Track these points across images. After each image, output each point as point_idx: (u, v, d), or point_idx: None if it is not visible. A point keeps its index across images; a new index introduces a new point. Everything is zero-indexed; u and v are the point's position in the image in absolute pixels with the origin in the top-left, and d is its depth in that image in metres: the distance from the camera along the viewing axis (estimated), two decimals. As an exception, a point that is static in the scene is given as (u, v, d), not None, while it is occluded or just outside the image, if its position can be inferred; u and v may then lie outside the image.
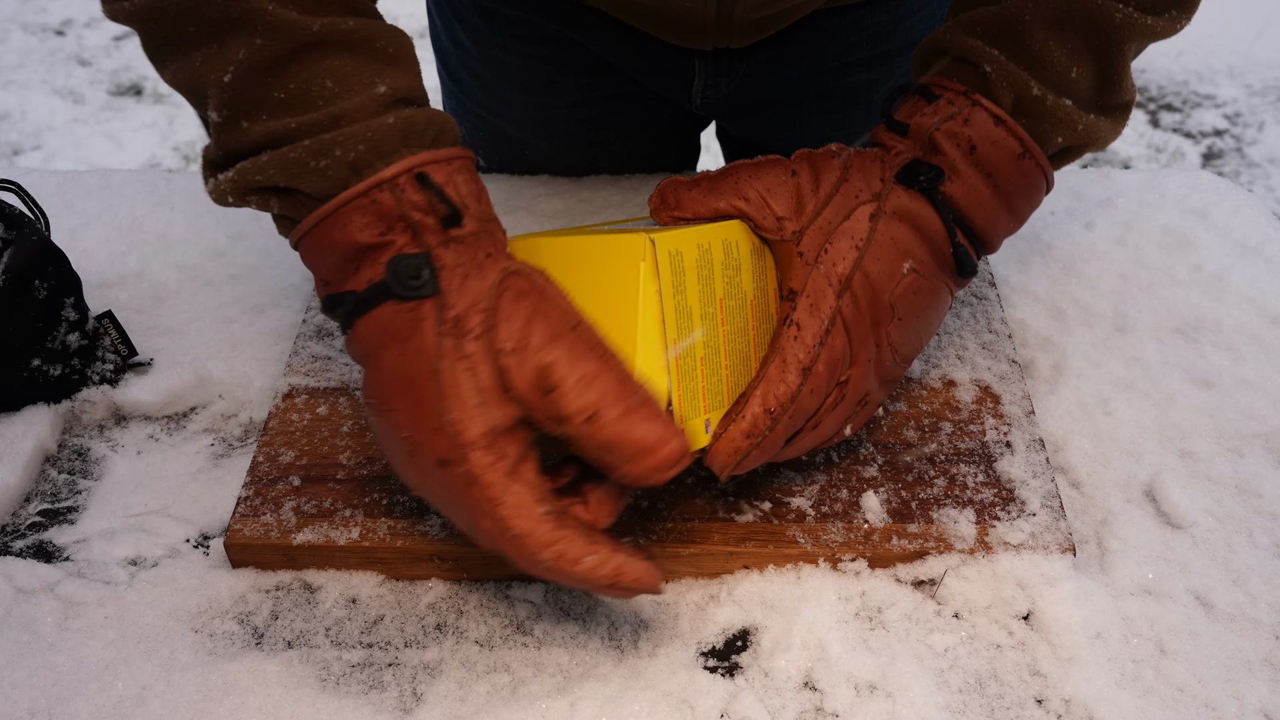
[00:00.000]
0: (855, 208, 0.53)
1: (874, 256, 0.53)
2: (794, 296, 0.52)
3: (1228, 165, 2.53)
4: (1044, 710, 0.51)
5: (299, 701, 0.51)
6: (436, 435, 0.45)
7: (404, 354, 0.46)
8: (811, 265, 0.52)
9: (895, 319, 0.54)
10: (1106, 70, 0.55)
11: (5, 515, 0.60)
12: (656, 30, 0.75)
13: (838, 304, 0.52)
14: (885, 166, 0.55)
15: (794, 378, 0.50)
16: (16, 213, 0.62)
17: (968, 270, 0.56)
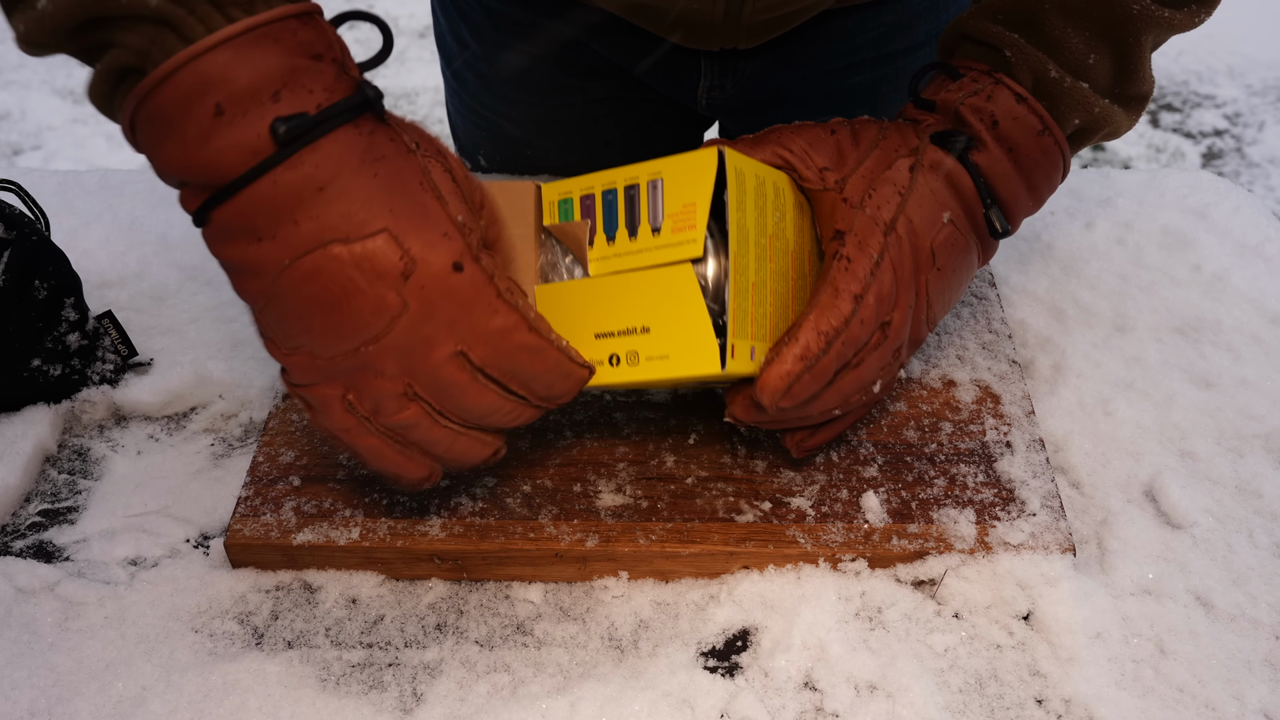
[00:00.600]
0: (895, 159, 0.55)
1: (915, 204, 0.54)
2: (841, 236, 0.53)
3: (1228, 165, 2.53)
4: (1044, 710, 0.51)
5: (299, 701, 0.51)
6: (447, 239, 0.43)
7: (388, 169, 0.43)
8: (857, 208, 0.53)
9: (935, 268, 0.55)
10: (1124, 60, 0.56)
11: (5, 515, 0.60)
12: (663, 31, 0.75)
13: (885, 242, 0.53)
14: (918, 131, 0.56)
15: (846, 304, 0.51)
16: (16, 213, 0.62)
17: (998, 232, 0.56)
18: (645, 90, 0.83)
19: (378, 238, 0.42)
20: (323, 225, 0.41)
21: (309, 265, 0.42)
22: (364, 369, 0.45)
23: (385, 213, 0.42)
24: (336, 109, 0.42)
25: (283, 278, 0.42)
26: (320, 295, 0.42)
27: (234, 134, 0.40)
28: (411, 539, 0.55)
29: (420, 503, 0.57)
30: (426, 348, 0.44)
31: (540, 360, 0.48)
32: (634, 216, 0.52)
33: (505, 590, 0.56)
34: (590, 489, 0.58)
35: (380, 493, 0.58)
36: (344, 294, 0.42)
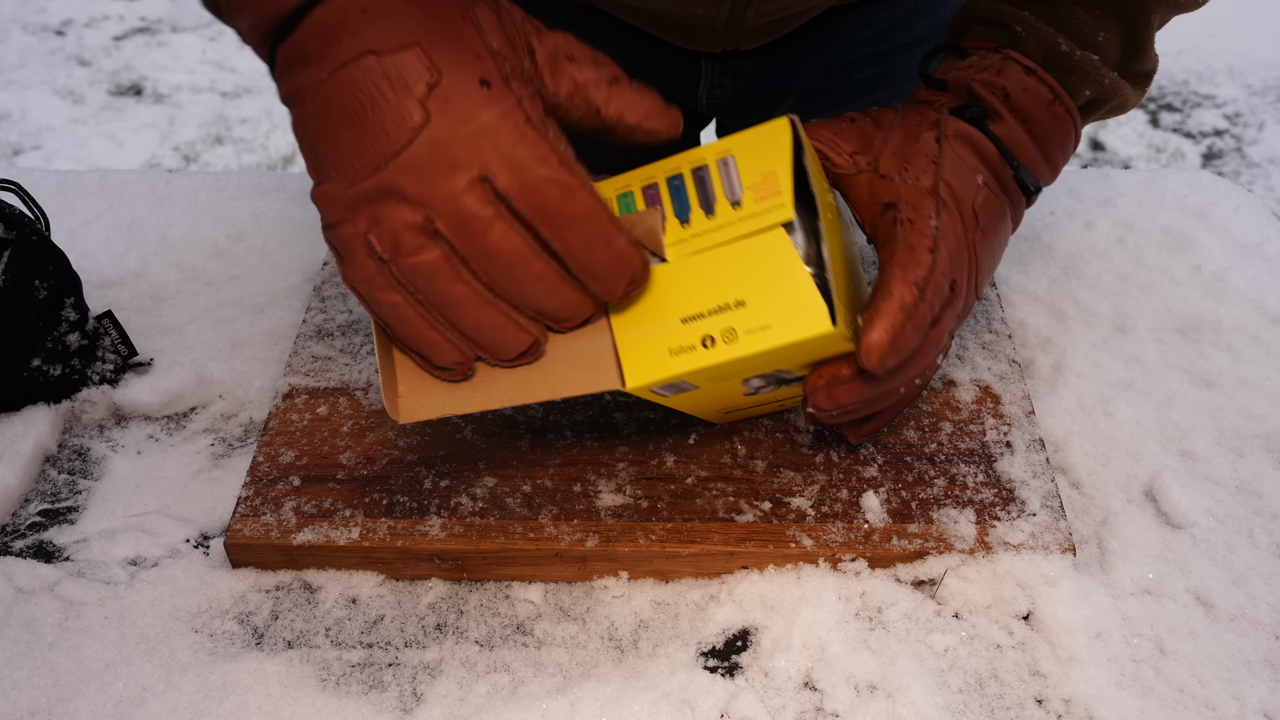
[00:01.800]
0: (920, 134, 0.55)
1: (950, 170, 0.54)
2: (894, 206, 0.52)
3: (1228, 165, 2.53)
4: (1044, 710, 0.51)
5: (299, 701, 0.51)
6: (479, 60, 0.43)
7: (444, 7, 0.44)
8: (898, 181, 0.53)
9: (979, 229, 0.55)
10: (1132, 38, 0.57)
11: (5, 515, 0.60)
12: (665, 34, 0.75)
13: (935, 203, 0.52)
14: (935, 108, 0.57)
15: (925, 256, 0.50)
16: (16, 213, 0.62)
17: (1029, 190, 0.57)
18: None
19: (408, 50, 0.42)
20: (361, 41, 0.43)
21: (343, 76, 0.43)
22: (385, 195, 0.43)
23: (420, 31, 0.43)
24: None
25: (320, 91, 0.44)
26: (348, 104, 0.43)
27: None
28: (411, 539, 0.55)
29: (420, 503, 0.57)
30: (447, 169, 0.42)
31: (572, 203, 0.43)
32: (707, 195, 0.50)
33: (505, 590, 0.56)
34: (590, 489, 0.58)
35: (380, 493, 0.58)
36: (370, 102, 0.43)
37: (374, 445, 0.60)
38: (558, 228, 0.44)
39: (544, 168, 0.43)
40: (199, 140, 2.54)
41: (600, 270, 0.45)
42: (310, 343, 0.67)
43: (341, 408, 0.62)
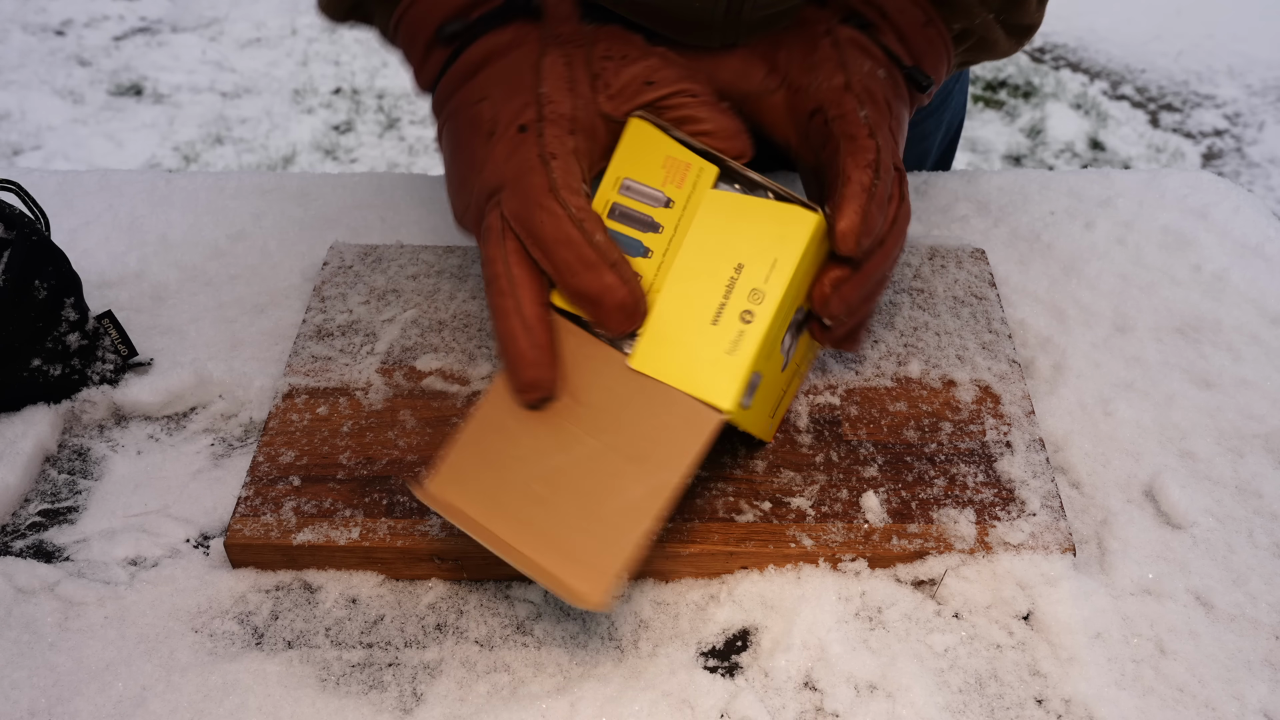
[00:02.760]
0: (817, 42, 0.58)
1: (854, 68, 0.57)
2: (819, 110, 0.55)
3: (1228, 165, 2.53)
4: (1044, 710, 0.51)
5: (299, 701, 0.51)
6: (526, 107, 0.52)
7: (511, 58, 0.54)
8: (813, 86, 0.56)
9: (892, 116, 0.57)
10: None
11: (5, 515, 0.60)
12: (662, 28, 0.75)
13: (854, 97, 0.55)
14: (822, 22, 0.60)
15: (867, 141, 0.53)
16: (16, 213, 0.62)
17: (923, 84, 0.60)
18: None
19: (483, 103, 0.53)
20: (461, 98, 0.54)
21: (450, 128, 0.55)
22: (472, 224, 0.54)
23: (495, 86, 0.53)
24: (485, 17, 0.54)
25: (442, 134, 0.57)
26: (452, 151, 0.55)
27: (435, 57, 0.56)
28: (411, 539, 0.55)
29: (420, 503, 0.57)
30: (489, 193, 0.51)
31: (553, 228, 0.49)
32: (641, 220, 0.52)
33: (505, 590, 0.56)
34: (590, 489, 0.58)
35: (380, 492, 0.58)
36: (461, 148, 0.54)
37: (374, 445, 0.60)
38: (544, 250, 0.49)
39: (535, 195, 0.49)
40: (199, 140, 2.54)
41: (588, 295, 0.50)
42: (310, 343, 0.67)
43: (341, 408, 0.62)
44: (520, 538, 0.49)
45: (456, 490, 0.51)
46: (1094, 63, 2.91)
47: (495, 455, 0.51)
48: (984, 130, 2.66)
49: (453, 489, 0.51)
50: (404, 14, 0.56)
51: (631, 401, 0.50)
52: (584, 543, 0.49)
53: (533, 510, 0.49)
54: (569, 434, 0.51)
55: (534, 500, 0.50)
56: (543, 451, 0.51)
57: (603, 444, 0.50)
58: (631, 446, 0.50)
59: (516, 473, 0.50)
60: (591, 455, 0.50)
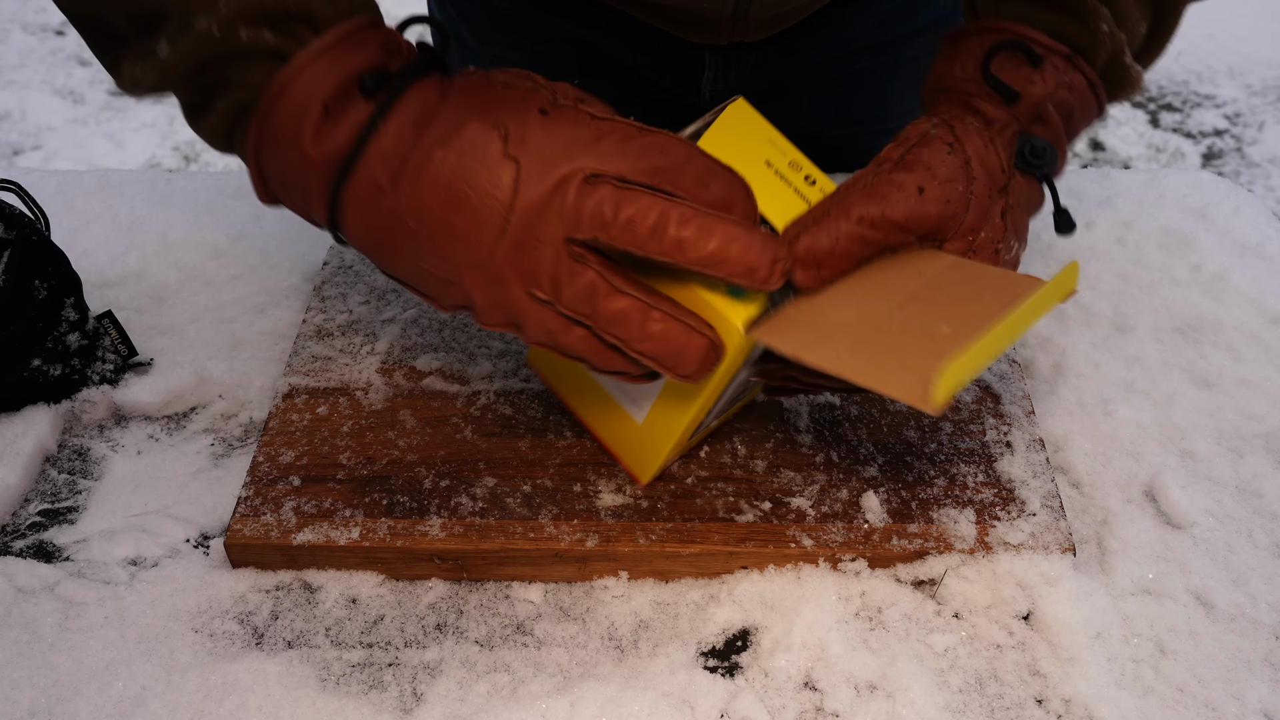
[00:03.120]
0: (990, 210, 0.51)
1: (1005, 247, 0.51)
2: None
3: (1228, 165, 2.53)
4: (1044, 710, 0.51)
5: (299, 701, 0.51)
6: (526, 100, 0.45)
7: (461, 88, 0.46)
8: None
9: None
10: (1159, 28, 0.54)
11: (5, 515, 0.60)
12: (671, 27, 0.75)
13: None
14: (998, 148, 0.51)
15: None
16: (16, 213, 0.62)
17: (1068, 230, 0.54)
18: (648, 85, 0.84)
19: (468, 126, 0.44)
20: (425, 143, 0.44)
21: (426, 179, 0.44)
22: (522, 247, 0.44)
23: (471, 112, 0.45)
24: (412, 64, 0.45)
25: (411, 203, 0.44)
26: (445, 196, 0.44)
27: (342, 122, 0.44)
28: (411, 539, 0.55)
29: (420, 503, 0.57)
30: (559, 188, 0.44)
31: (673, 154, 0.44)
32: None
33: (505, 590, 0.56)
34: (590, 489, 0.58)
35: (380, 492, 0.58)
36: (464, 182, 0.44)
37: (374, 445, 0.60)
38: (673, 177, 0.44)
39: (633, 142, 0.44)
40: (199, 140, 2.54)
41: (723, 200, 0.45)
42: (310, 343, 0.67)
43: (341, 408, 0.62)
44: (855, 352, 0.46)
45: (774, 333, 0.48)
46: (1094, 63, 2.91)
47: (811, 311, 0.49)
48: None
49: (768, 331, 0.48)
50: (293, 78, 0.44)
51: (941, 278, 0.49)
52: (918, 347, 0.46)
53: (862, 337, 0.47)
54: (879, 304, 0.49)
55: (860, 334, 0.47)
56: (863, 313, 0.49)
57: (922, 298, 0.48)
58: (952, 300, 0.48)
59: (834, 326, 0.48)
60: (907, 301, 0.48)
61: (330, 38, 0.44)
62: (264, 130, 0.45)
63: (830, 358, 0.45)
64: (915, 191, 0.49)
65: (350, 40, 0.45)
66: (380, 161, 0.44)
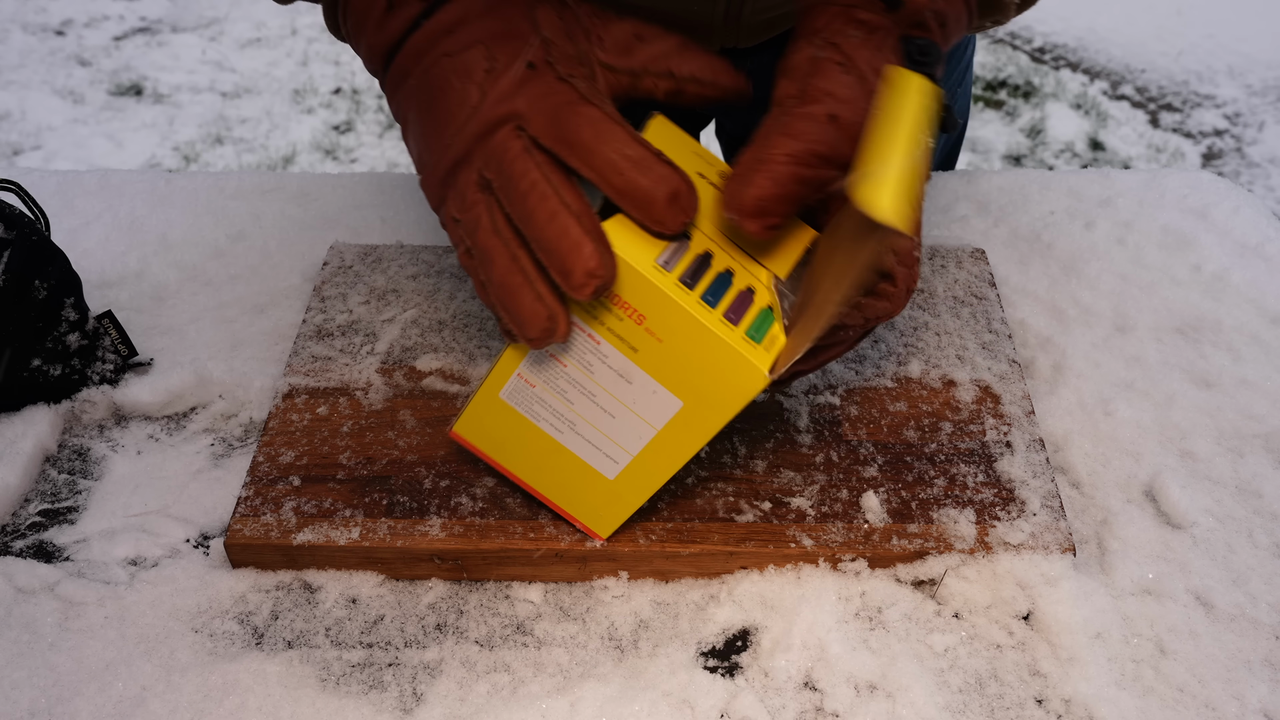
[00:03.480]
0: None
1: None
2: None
3: (1228, 165, 2.53)
4: (1044, 710, 0.51)
5: (299, 701, 0.51)
6: (528, 48, 0.49)
7: (499, 12, 0.50)
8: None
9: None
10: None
11: (5, 515, 0.60)
12: None
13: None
14: (886, 53, 0.52)
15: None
16: (16, 213, 0.62)
17: (953, 128, 0.55)
18: None
19: (473, 49, 0.49)
20: (441, 49, 0.50)
21: (424, 75, 0.50)
22: (456, 166, 0.48)
23: (485, 33, 0.49)
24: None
25: (411, 95, 0.51)
26: (428, 99, 0.50)
27: (399, 16, 0.51)
28: (411, 539, 0.55)
29: (420, 503, 0.57)
30: (494, 126, 0.47)
31: (593, 127, 0.46)
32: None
33: (505, 590, 0.56)
34: (590, 489, 0.58)
35: (380, 493, 0.58)
36: (441, 93, 0.49)
37: (374, 445, 0.60)
38: (585, 154, 0.46)
39: (567, 102, 0.47)
40: (199, 140, 2.54)
41: (639, 190, 0.46)
42: (310, 343, 0.67)
43: (341, 408, 0.62)
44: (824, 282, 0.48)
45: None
46: (1094, 63, 2.91)
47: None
48: (984, 130, 2.66)
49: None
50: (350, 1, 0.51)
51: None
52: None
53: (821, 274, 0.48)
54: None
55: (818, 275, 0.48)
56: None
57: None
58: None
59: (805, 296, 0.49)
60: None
61: None
62: (347, 15, 0.53)
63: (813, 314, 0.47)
64: (828, 121, 0.49)
65: None
66: (410, 54, 0.51)
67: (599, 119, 0.46)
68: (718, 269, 0.49)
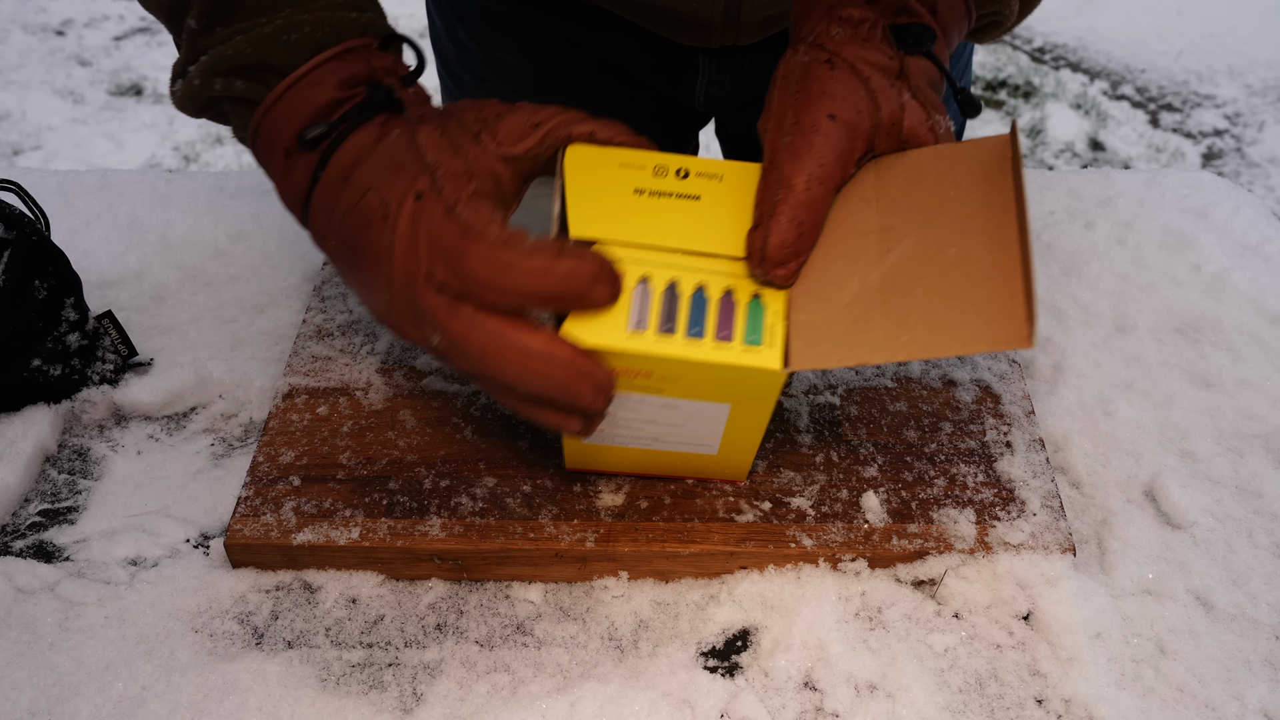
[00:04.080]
0: (900, 96, 0.51)
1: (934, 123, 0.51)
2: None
3: (1228, 165, 2.53)
4: (1044, 710, 0.51)
5: (299, 701, 0.51)
6: (416, 178, 0.48)
7: (384, 146, 0.49)
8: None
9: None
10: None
11: (5, 515, 0.60)
12: (663, 30, 0.75)
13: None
14: (875, 42, 0.52)
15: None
16: (16, 213, 0.62)
17: (976, 110, 0.55)
18: (642, 87, 0.84)
19: (367, 195, 0.48)
20: (342, 202, 0.49)
21: (340, 238, 0.50)
22: (402, 323, 0.49)
23: (373, 174, 0.49)
24: (348, 114, 0.50)
25: (337, 251, 0.51)
26: (350, 259, 0.50)
27: (298, 166, 0.51)
28: (411, 539, 0.55)
29: (420, 503, 0.57)
30: (414, 279, 0.47)
31: (485, 260, 0.45)
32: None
33: (505, 590, 0.56)
34: (590, 489, 0.58)
35: (380, 493, 0.58)
36: (359, 250, 0.49)
37: (374, 445, 0.60)
38: (490, 289, 0.46)
39: (455, 242, 0.46)
40: (199, 140, 2.54)
41: (557, 295, 0.46)
42: (310, 343, 0.67)
43: (341, 408, 0.62)
44: (918, 346, 0.46)
45: (818, 355, 0.47)
46: (1094, 63, 2.91)
47: (821, 311, 0.48)
48: (984, 130, 2.66)
49: (812, 356, 0.48)
50: (261, 120, 0.51)
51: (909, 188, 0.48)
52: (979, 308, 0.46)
53: (906, 320, 0.47)
54: (866, 255, 0.48)
55: (898, 316, 0.47)
56: (861, 275, 0.48)
57: (908, 238, 0.48)
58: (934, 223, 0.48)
59: (857, 308, 0.48)
60: (907, 252, 0.48)
61: (282, 86, 0.50)
62: (255, 153, 0.53)
63: (895, 348, 0.46)
64: (828, 121, 0.49)
65: (306, 84, 0.50)
66: (321, 211, 0.50)
67: (487, 252, 0.45)
68: (688, 292, 0.48)
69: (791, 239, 0.48)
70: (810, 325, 0.48)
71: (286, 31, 0.50)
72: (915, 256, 0.47)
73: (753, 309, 0.48)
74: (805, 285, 0.49)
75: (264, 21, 0.50)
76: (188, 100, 0.52)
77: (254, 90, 0.51)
